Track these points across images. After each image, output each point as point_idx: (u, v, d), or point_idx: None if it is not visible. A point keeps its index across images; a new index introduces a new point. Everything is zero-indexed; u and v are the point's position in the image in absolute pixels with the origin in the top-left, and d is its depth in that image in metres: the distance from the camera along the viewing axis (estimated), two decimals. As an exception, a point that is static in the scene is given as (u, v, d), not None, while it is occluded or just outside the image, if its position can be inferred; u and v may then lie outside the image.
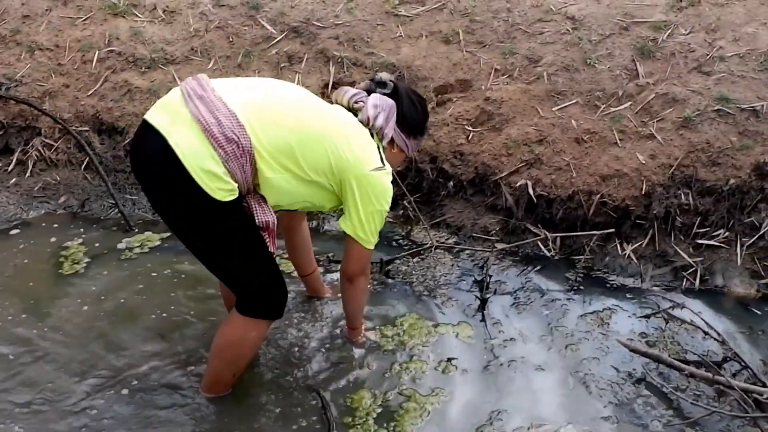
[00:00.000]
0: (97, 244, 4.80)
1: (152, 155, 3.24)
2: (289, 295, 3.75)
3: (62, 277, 4.53)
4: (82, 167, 5.28)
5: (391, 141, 3.63)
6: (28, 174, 5.26)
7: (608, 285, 4.56)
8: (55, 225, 4.99)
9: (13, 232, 4.93)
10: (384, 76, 3.63)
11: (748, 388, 3.60)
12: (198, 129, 3.18)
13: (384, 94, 3.57)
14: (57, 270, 4.57)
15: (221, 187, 3.21)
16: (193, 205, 3.25)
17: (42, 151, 5.28)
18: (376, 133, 3.53)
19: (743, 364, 3.82)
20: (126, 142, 5.26)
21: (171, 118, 3.24)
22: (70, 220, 5.06)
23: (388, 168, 3.52)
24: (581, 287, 4.53)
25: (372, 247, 3.63)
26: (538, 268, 4.67)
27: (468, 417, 3.73)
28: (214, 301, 4.29)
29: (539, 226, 4.80)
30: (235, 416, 3.71)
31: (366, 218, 3.50)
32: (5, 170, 5.30)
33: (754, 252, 4.55)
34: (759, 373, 3.80)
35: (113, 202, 5.07)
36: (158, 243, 4.82)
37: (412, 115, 3.64)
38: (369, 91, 3.59)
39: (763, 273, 4.49)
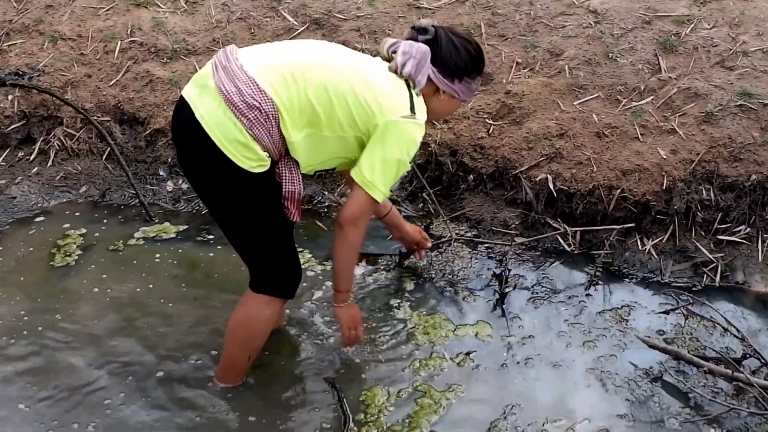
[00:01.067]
0: (96, 234, 4.82)
1: (183, 128, 3.36)
2: (305, 288, 3.74)
3: (53, 269, 4.54)
4: (104, 157, 5.29)
5: (437, 89, 3.50)
6: (49, 163, 5.27)
7: (627, 280, 4.53)
8: (77, 214, 5.00)
9: (38, 219, 4.96)
10: (424, 22, 3.50)
11: None
12: (221, 99, 3.24)
13: (425, 40, 3.43)
14: (49, 262, 4.59)
15: (248, 156, 3.26)
16: (221, 178, 3.32)
17: (63, 141, 5.30)
18: (409, 80, 3.42)
19: (763, 361, 3.79)
20: (147, 132, 5.27)
21: (199, 90, 3.33)
22: (90, 210, 5.06)
23: (420, 119, 3.39)
24: (600, 282, 4.50)
25: (378, 198, 3.42)
26: (558, 262, 4.65)
27: (483, 412, 3.74)
28: (215, 291, 4.37)
29: (559, 220, 4.78)
30: (250, 407, 3.73)
31: (382, 163, 3.35)
32: (27, 159, 5.31)
33: (776, 248, 4.54)
34: (778, 370, 3.78)
35: (134, 192, 5.07)
36: (172, 235, 4.83)
37: (452, 58, 3.46)
38: (411, 39, 3.47)
39: (784, 270, 4.48)
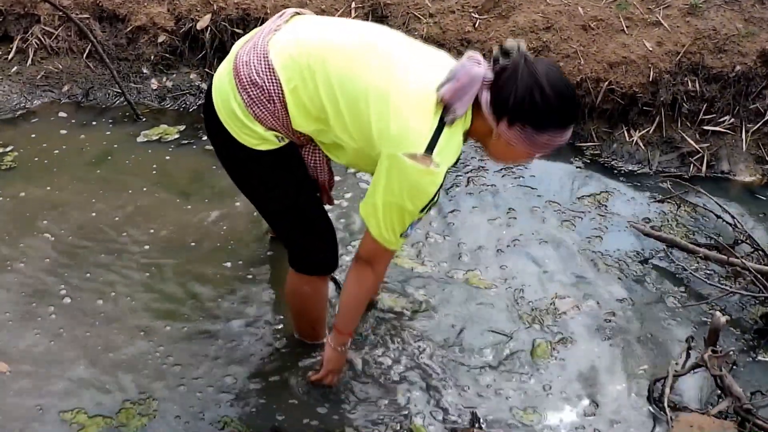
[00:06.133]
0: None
1: (209, 87, 3.02)
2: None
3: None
4: (84, 55, 5.17)
5: (489, 129, 2.77)
6: (29, 62, 5.14)
7: (615, 171, 4.65)
8: (64, 114, 4.94)
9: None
10: (509, 44, 2.71)
11: (762, 269, 3.73)
12: (231, 67, 2.88)
13: (503, 66, 2.70)
14: None
15: (248, 134, 2.86)
16: (230, 150, 2.97)
17: (42, 39, 5.17)
18: (444, 105, 2.72)
19: (756, 246, 3.94)
20: (128, 29, 5.16)
21: (235, 51, 2.96)
22: (74, 110, 4.99)
23: (440, 163, 2.71)
24: (586, 173, 4.63)
25: (389, 247, 2.91)
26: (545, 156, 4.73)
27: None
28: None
29: (547, 113, 4.84)
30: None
31: (383, 208, 2.81)
32: (5, 58, 5.17)
33: (759, 138, 4.68)
34: (770, 254, 3.92)
35: (118, 90, 5.00)
36: (176, 136, 4.78)
37: (505, 93, 2.66)
38: (495, 60, 2.74)
39: (767, 158, 4.61)
